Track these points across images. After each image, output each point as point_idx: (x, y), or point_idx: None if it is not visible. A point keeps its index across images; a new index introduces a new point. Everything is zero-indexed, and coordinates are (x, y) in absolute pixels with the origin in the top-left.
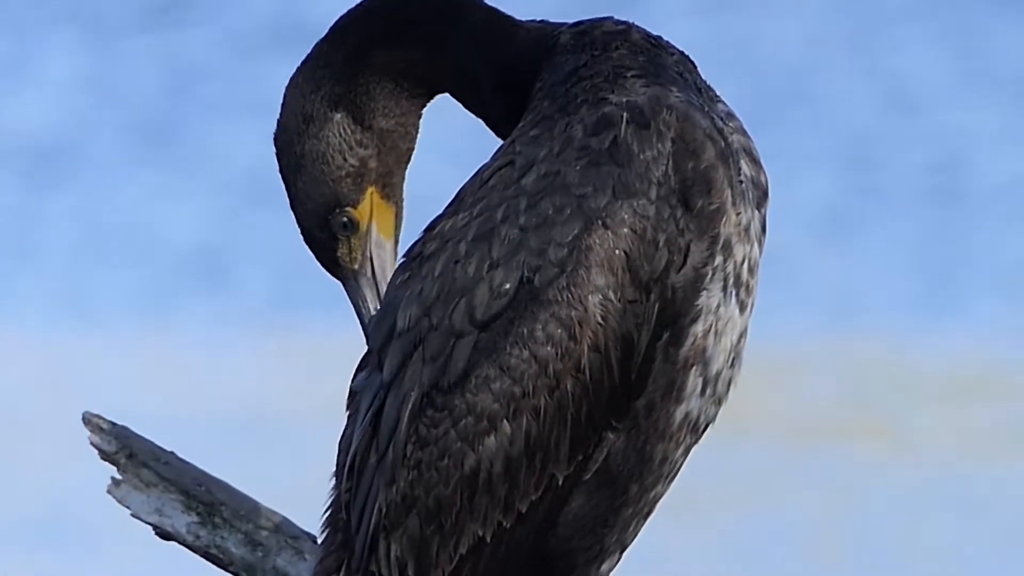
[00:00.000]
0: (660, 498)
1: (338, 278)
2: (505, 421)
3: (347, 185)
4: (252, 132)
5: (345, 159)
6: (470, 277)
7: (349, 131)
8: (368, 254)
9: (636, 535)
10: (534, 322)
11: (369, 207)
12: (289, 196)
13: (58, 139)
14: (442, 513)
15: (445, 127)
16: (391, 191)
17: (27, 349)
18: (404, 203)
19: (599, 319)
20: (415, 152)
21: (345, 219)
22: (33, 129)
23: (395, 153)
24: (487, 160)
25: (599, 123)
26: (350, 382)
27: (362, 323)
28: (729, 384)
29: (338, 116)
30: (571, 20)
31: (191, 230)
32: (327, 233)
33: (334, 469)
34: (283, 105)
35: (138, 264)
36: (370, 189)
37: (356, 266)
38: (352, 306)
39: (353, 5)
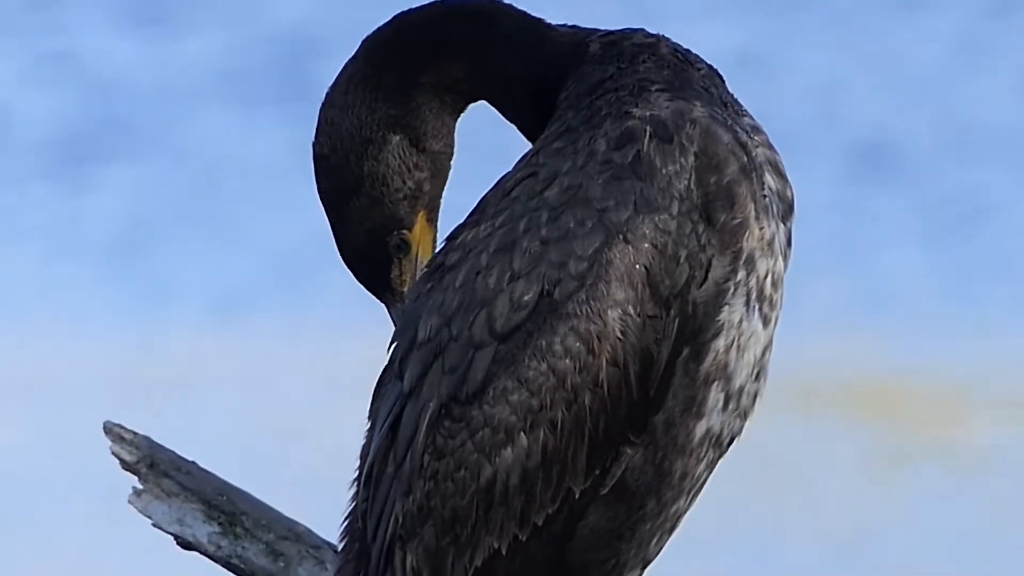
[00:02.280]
0: (683, 513)
1: (383, 300)
2: (522, 434)
3: (404, 208)
4: None
5: (404, 182)
6: (491, 289)
7: (408, 154)
8: (411, 276)
9: (660, 550)
10: (553, 335)
11: (419, 230)
12: (337, 217)
13: None
14: (458, 524)
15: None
16: (435, 214)
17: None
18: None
19: (618, 333)
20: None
21: (400, 241)
22: None
23: (443, 175)
24: (510, 169)
25: (622, 137)
26: (372, 391)
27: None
28: (755, 398)
29: (396, 139)
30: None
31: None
32: (382, 255)
33: (353, 477)
34: (331, 126)
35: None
36: (422, 213)
37: (405, 288)
38: (393, 322)
39: (382, 23)
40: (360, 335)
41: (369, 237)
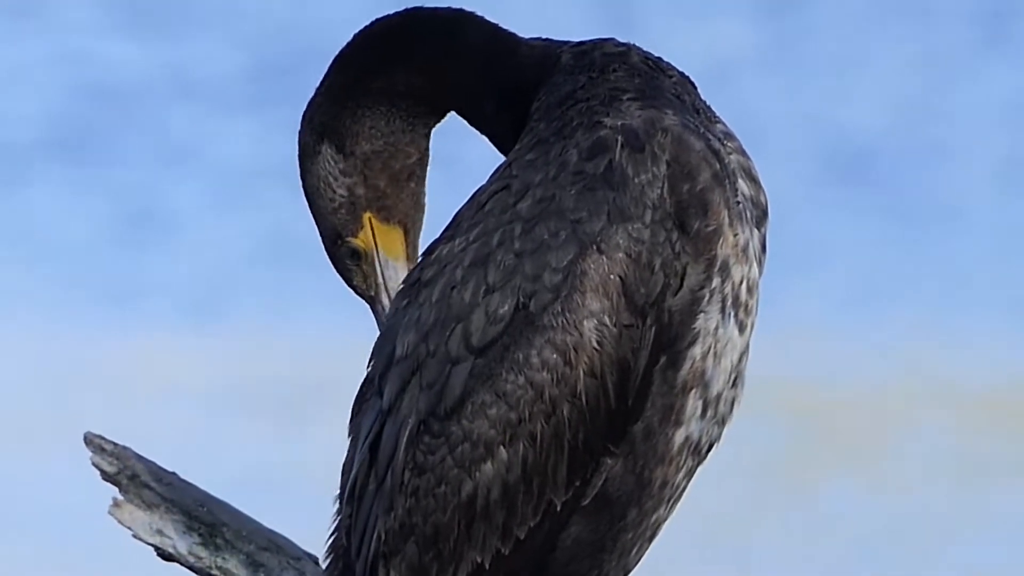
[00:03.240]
0: (663, 522)
1: (362, 298)
2: (502, 447)
3: (342, 216)
4: None
5: (335, 191)
6: (466, 303)
7: (332, 161)
8: (381, 280)
9: (640, 559)
10: (529, 348)
11: (370, 233)
12: (315, 219)
13: None
14: (440, 540)
15: None
16: (389, 213)
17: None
18: (422, 219)
19: (595, 344)
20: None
21: (348, 249)
22: None
23: (386, 174)
24: (484, 183)
25: (594, 147)
26: (352, 406)
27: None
28: (732, 404)
29: (323, 147)
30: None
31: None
32: (340, 264)
33: (336, 493)
34: (301, 132)
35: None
36: (366, 215)
37: (372, 293)
38: (378, 330)
39: (385, 16)
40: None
41: (327, 250)
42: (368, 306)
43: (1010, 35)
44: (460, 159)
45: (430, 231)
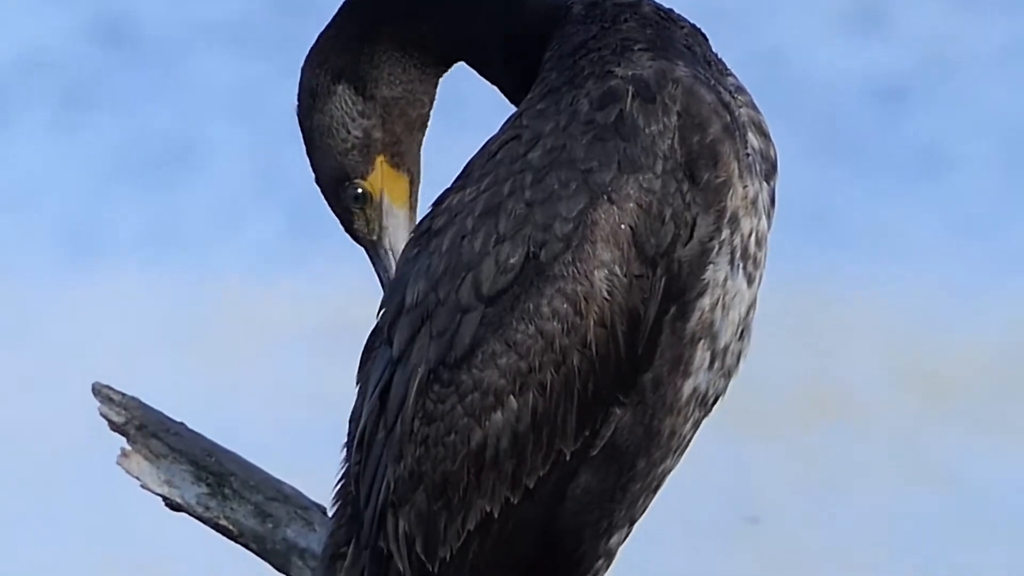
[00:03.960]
0: (669, 472)
1: (367, 251)
2: (512, 397)
3: (354, 157)
4: None
5: (349, 131)
6: (476, 252)
7: (351, 102)
8: (384, 224)
9: (645, 509)
10: (540, 297)
11: (380, 177)
12: (313, 172)
13: None
14: (449, 489)
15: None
16: (401, 159)
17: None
18: (421, 170)
19: (605, 294)
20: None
21: (356, 191)
22: None
23: (403, 121)
24: (495, 132)
25: (605, 97)
26: (360, 355)
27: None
28: (739, 357)
29: (340, 88)
30: None
31: None
32: (342, 206)
33: (344, 441)
34: (298, 83)
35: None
36: (379, 159)
37: (374, 237)
38: (376, 275)
39: None
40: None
41: (328, 189)
42: (365, 251)
43: None
44: (467, 106)
45: (442, 180)
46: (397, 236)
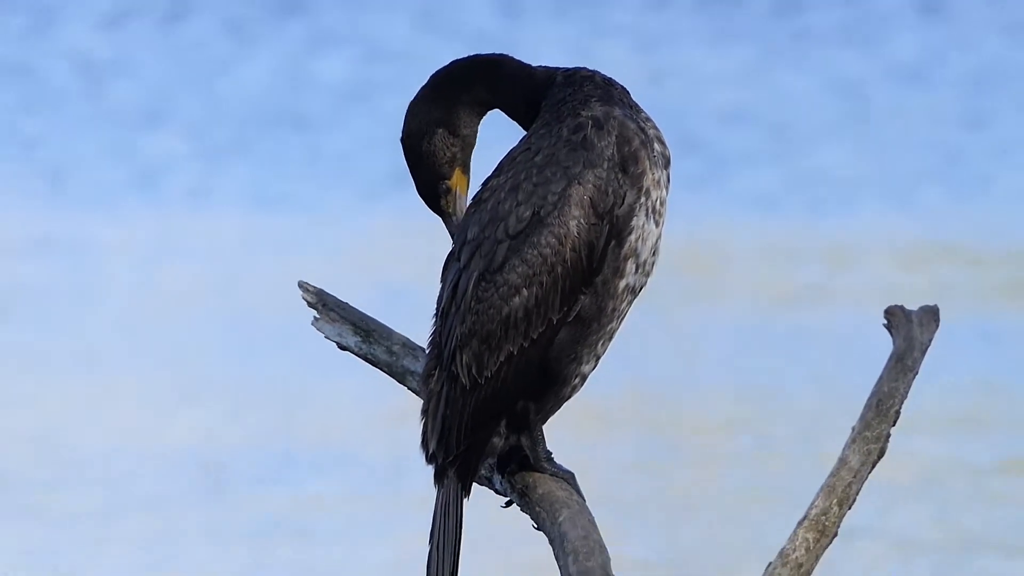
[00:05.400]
0: (615, 331)
1: (442, 218)
2: (524, 289)
3: (446, 169)
4: None
5: (445, 155)
6: (506, 210)
7: (446, 139)
8: (457, 205)
9: (605, 351)
10: (540, 236)
11: (456, 178)
12: (413, 174)
13: None
14: (490, 338)
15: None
16: (465, 166)
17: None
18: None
19: (575, 234)
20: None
21: (444, 187)
22: None
23: (470, 147)
24: (515, 145)
25: (576, 127)
26: (442, 267)
27: (453, 240)
28: (652, 266)
29: (439, 131)
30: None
31: None
32: (435, 193)
33: (434, 312)
34: (408, 124)
35: None
36: (458, 168)
37: (451, 210)
38: (448, 232)
39: (459, 58)
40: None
41: (428, 184)
42: (442, 219)
43: None
44: (489, 140)
45: (482, 172)
46: (461, 209)
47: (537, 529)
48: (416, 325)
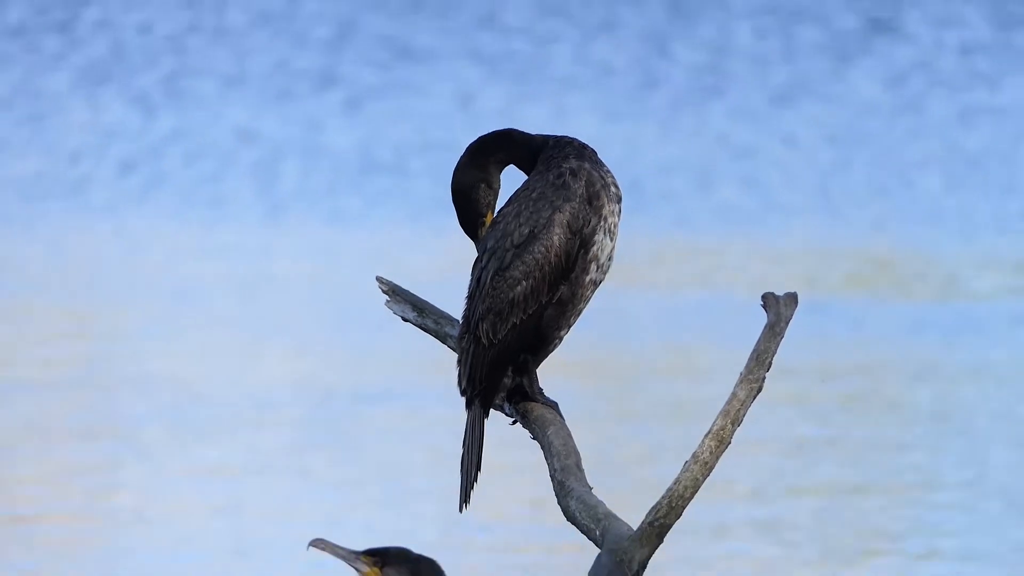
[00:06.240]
0: (582, 310)
1: (474, 240)
2: (523, 282)
3: (484, 209)
4: None
5: (483, 201)
6: (512, 229)
7: (485, 190)
8: (486, 232)
9: (575, 322)
10: (534, 246)
11: (489, 216)
12: (460, 214)
13: None
14: (502, 312)
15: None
16: (492, 208)
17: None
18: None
19: (557, 245)
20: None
21: (483, 222)
22: None
23: (496, 194)
24: (519, 187)
25: (559, 175)
26: (472, 266)
27: (478, 250)
28: (608, 268)
29: (481, 185)
30: None
31: None
32: (475, 226)
33: (465, 296)
34: (455, 181)
35: None
36: (489, 211)
37: (483, 237)
38: (476, 248)
39: (484, 134)
40: None
41: (471, 223)
42: (474, 242)
43: None
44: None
45: (499, 203)
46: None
47: (533, 439)
48: (454, 305)
